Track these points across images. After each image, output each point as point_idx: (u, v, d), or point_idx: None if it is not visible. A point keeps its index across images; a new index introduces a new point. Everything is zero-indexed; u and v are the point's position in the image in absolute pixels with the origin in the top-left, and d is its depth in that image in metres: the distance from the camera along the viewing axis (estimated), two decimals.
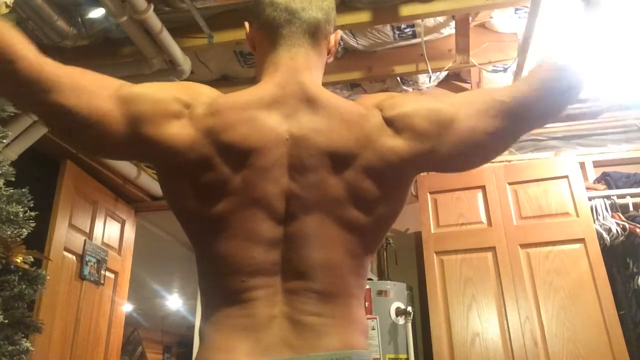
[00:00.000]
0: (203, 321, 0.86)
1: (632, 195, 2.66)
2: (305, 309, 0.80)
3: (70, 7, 2.20)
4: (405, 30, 2.54)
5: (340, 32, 1.03)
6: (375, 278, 2.95)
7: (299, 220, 0.82)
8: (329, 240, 0.83)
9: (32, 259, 1.75)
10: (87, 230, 3.01)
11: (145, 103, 0.82)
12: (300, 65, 0.91)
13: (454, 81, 3.07)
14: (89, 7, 2.21)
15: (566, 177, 2.66)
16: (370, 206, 0.85)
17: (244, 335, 0.78)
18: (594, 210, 2.59)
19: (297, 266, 0.81)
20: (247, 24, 1.00)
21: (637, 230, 2.49)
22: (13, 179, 1.72)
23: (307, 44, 0.93)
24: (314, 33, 0.93)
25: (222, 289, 0.83)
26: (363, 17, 2.25)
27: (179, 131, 0.82)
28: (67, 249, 2.79)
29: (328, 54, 0.99)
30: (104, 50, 2.47)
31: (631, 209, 2.63)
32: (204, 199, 0.83)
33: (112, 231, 3.29)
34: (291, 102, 0.86)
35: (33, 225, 1.72)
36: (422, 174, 3.18)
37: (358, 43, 2.62)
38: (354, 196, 0.84)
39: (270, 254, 0.81)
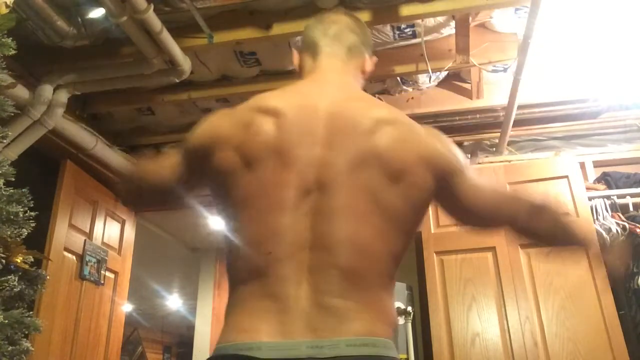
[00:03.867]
0: (229, 300, 0.87)
1: (632, 195, 2.66)
2: (329, 289, 0.80)
3: (70, 7, 2.20)
4: (405, 30, 2.54)
5: (375, 59, 1.18)
6: None
7: (329, 191, 0.85)
8: (360, 214, 0.85)
9: (32, 259, 1.75)
10: (87, 230, 3.01)
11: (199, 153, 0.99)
12: (338, 68, 1.08)
13: (454, 81, 3.08)
14: (89, 7, 2.21)
15: (566, 177, 2.66)
16: (407, 190, 0.89)
17: (268, 316, 0.79)
18: (594, 210, 2.59)
19: (324, 238, 0.83)
20: (295, 51, 1.18)
21: (637, 230, 2.49)
22: (13, 179, 1.72)
23: (344, 56, 1.10)
24: (349, 50, 1.11)
25: (248, 264, 0.85)
26: (363, 17, 2.24)
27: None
28: (67, 249, 2.79)
29: (363, 74, 1.15)
30: (104, 50, 2.47)
31: (631, 209, 2.63)
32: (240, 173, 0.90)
33: (112, 231, 3.29)
34: (329, 91, 1.00)
35: (33, 225, 1.72)
36: None
37: None
38: (392, 176, 0.88)
39: (298, 223, 0.84)
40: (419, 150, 0.92)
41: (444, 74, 2.87)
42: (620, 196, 2.66)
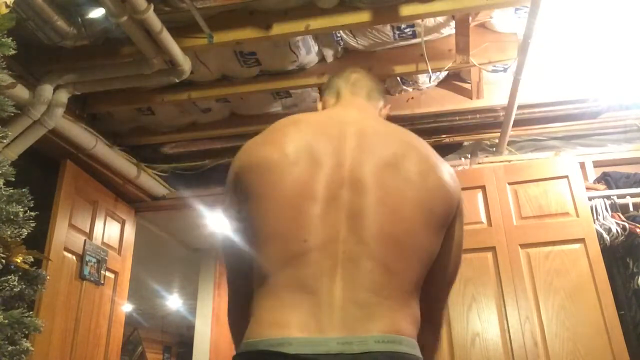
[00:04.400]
0: (258, 293, 0.87)
1: (632, 195, 2.65)
2: (362, 283, 0.82)
3: (70, 7, 2.20)
4: (405, 30, 2.54)
5: (389, 107, 1.28)
6: None
7: (361, 188, 0.88)
8: (392, 210, 0.88)
9: (32, 259, 1.74)
10: (87, 230, 3.01)
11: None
12: (360, 101, 1.20)
13: (454, 81, 3.08)
14: (89, 7, 2.22)
15: (566, 177, 2.66)
16: (435, 188, 0.93)
17: (300, 310, 0.80)
18: (594, 210, 2.59)
19: (357, 231, 0.85)
20: (317, 99, 1.30)
21: (637, 230, 2.48)
22: (13, 179, 1.72)
23: (364, 98, 1.21)
24: (369, 94, 1.23)
25: (282, 251, 0.85)
26: (363, 17, 2.25)
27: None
28: (67, 249, 2.78)
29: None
30: (104, 50, 2.47)
31: (631, 209, 2.63)
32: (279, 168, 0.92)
33: (112, 231, 3.29)
34: (354, 112, 1.11)
35: (33, 225, 1.72)
36: None
37: (358, 43, 2.62)
38: (421, 175, 0.92)
39: (331, 216, 0.86)
40: (447, 169, 0.98)
41: (444, 74, 2.87)
42: (620, 196, 2.65)
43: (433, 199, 0.92)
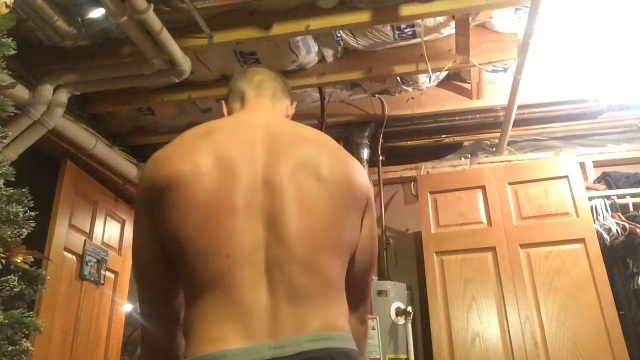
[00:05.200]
0: (189, 312, 0.87)
1: (632, 195, 2.66)
2: (288, 287, 0.83)
3: (70, 7, 2.20)
4: (405, 30, 2.54)
5: (295, 105, 1.27)
6: (375, 278, 2.95)
7: (276, 191, 0.89)
8: (308, 208, 0.90)
9: (32, 259, 1.74)
10: (87, 230, 3.01)
11: None
12: (266, 103, 1.17)
13: (454, 81, 3.08)
14: (89, 7, 2.21)
15: (566, 177, 2.66)
16: (342, 193, 0.94)
17: (232, 322, 0.81)
18: (594, 210, 2.59)
19: (279, 234, 0.86)
20: (223, 104, 1.24)
21: (637, 230, 2.49)
22: (13, 179, 1.72)
23: (269, 99, 1.19)
24: (274, 94, 1.20)
25: (208, 270, 0.85)
26: (363, 17, 2.25)
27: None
28: (67, 249, 2.78)
29: (286, 117, 1.22)
30: (104, 50, 2.47)
31: (631, 209, 2.63)
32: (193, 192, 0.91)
33: (112, 231, 3.29)
34: (262, 115, 1.10)
35: (33, 225, 1.71)
36: (422, 174, 3.18)
37: (358, 43, 2.62)
38: (326, 179, 0.94)
39: (251, 225, 0.86)
40: (355, 163, 1.01)
41: (444, 74, 2.87)
42: (620, 196, 2.66)
43: (345, 193, 0.94)
